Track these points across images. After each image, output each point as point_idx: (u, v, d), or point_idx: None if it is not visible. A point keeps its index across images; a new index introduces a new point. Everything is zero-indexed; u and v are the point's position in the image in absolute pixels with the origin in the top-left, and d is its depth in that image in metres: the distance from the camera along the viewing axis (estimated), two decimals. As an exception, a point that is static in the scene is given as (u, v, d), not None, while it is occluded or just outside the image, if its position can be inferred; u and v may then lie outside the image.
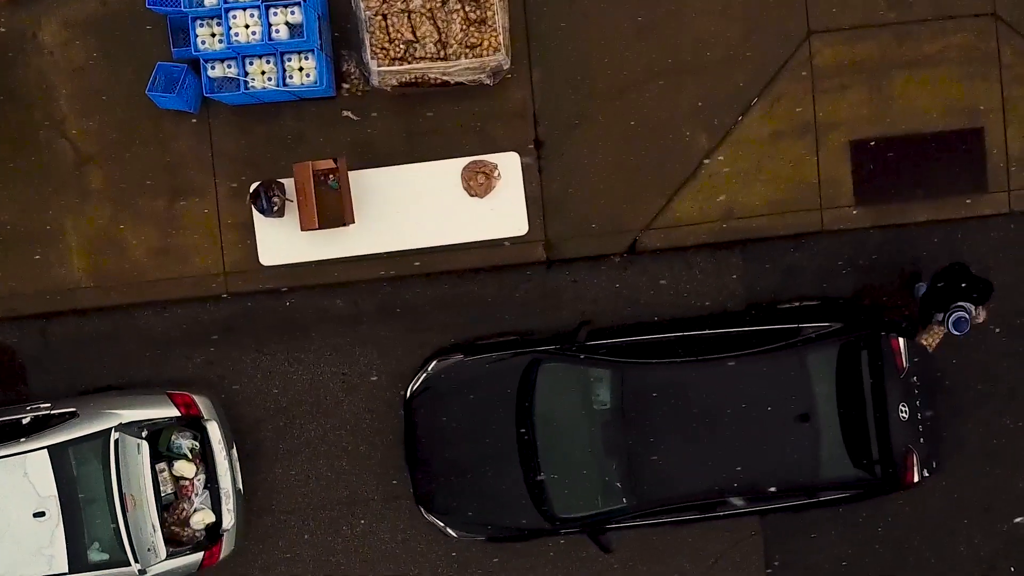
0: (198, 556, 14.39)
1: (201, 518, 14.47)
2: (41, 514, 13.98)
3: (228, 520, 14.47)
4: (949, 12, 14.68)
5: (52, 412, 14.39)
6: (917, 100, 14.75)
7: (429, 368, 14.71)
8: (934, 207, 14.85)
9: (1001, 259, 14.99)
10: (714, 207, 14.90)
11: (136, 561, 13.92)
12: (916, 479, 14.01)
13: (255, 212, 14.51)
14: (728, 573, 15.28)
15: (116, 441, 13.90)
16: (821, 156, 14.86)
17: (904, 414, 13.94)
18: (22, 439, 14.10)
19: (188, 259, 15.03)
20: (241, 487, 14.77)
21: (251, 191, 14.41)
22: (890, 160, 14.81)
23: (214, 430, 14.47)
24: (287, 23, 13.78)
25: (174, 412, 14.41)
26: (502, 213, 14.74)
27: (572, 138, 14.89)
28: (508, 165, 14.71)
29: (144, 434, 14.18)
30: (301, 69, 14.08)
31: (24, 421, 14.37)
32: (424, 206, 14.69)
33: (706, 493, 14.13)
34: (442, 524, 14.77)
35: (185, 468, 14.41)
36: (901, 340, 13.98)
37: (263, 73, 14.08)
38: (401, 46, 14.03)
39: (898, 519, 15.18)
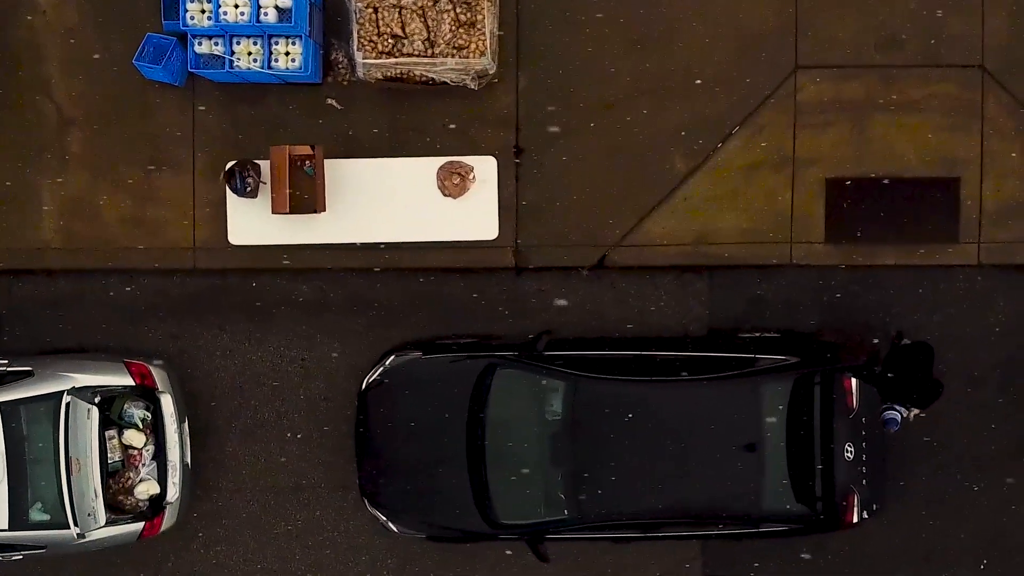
0: (138, 526, 14.45)
1: (146, 488, 14.53)
2: None
3: (172, 493, 14.53)
4: (937, 60, 14.75)
5: (8, 369, 14.46)
6: (897, 144, 14.82)
7: (386, 363, 14.78)
8: (903, 252, 14.91)
9: (965, 310, 15.06)
10: (686, 230, 14.98)
11: (75, 524, 13.99)
12: (855, 520, 14.07)
13: (228, 191, 14.58)
14: (664, 595, 15.38)
15: (67, 404, 13.97)
16: (796, 190, 14.93)
17: (849, 454, 14.02)
18: (-25, 394, 14.19)
19: (160, 231, 15.11)
20: (189, 462, 14.84)
21: (226, 169, 14.51)
22: (864, 201, 14.88)
23: (167, 402, 14.54)
24: (276, 7, 13.87)
25: (129, 381, 14.47)
26: (474, 216, 14.82)
27: (552, 148, 14.97)
28: (485, 169, 14.79)
29: (97, 400, 14.24)
30: (287, 54, 14.16)
31: (-21, 376, 14.48)
32: (397, 201, 14.77)
33: (648, 513, 14.19)
34: (384, 518, 14.84)
35: (134, 438, 14.48)
36: (854, 380, 14.05)
37: (249, 54, 14.16)
38: (389, 40, 14.11)
39: (838, 558, 15.23)
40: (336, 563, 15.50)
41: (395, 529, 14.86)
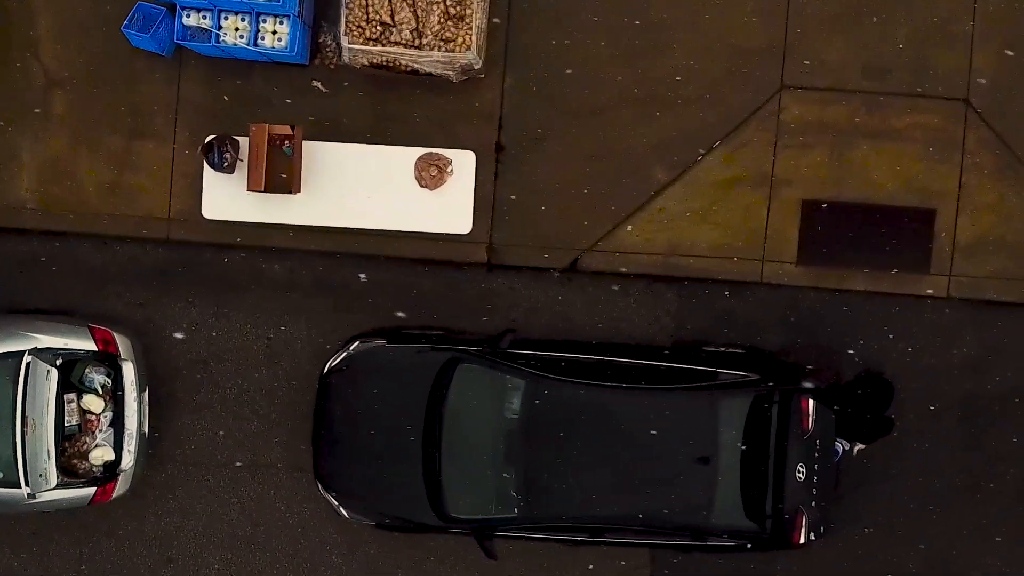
0: (90, 491, 14.48)
1: (100, 454, 14.57)
2: None
3: (127, 461, 14.56)
4: (922, 91, 14.79)
5: (-30, 326, 14.52)
6: (876, 171, 14.87)
7: (350, 348, 14.82)
8: (874, 279, 14.96)
9: (931, 341, 15.10)
10: (659, 240, 15.02)
11: (26, 484, 14.02)
12: (802, 540, 14.12)
13: (206, 164, 14.62)
14: (610, 601, 15.42)
15: (27, 364, 14.00)
16: (772, 209, 14.97)
17: (801, 475, 14.06)
18: (-65, 350, 14.22)
19: (136, 199, 15.15)
20: (146, 431, 14.88)
21: (205, 142, 14.55)
22: (839, 225, 14.92)
23: (128, 370, 14.57)
24: (267, -15, 13.93)
25: (92, 346, 14.50)
26: (449, 209, 14.86)
27: (534, 149, 15.01)
28: (463, 163, 14.83)
29: (58, 362, 14.28)
30: (274, 32, 14.20)
31: (-59, 332, 14.49)
32: (373, 188, 14.81)
33: (598, 517, 14.24)
34: (336, 503, 14.87)
35: (93, 403, 14.51)
36: (811, 402, 14.10)
37: (236, 30, 14.20)
38: (377, 28, 14.15)
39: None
40: (285, 543, 15.53)
41: (346, 514, 14.89)
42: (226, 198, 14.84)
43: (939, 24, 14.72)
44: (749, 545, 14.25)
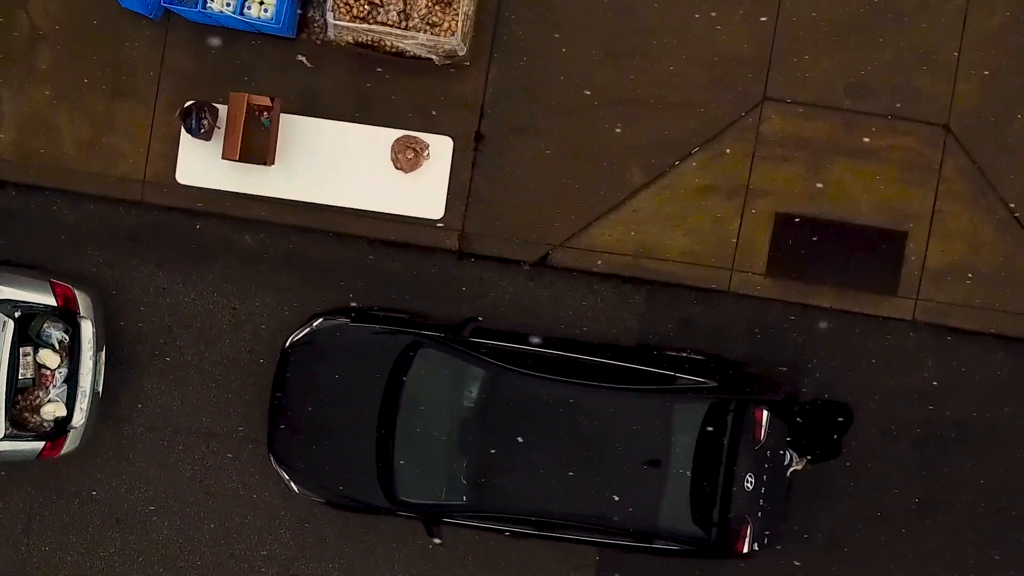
0: (38, 445, 14.50)
1: (52, 410, 14.58)
2: None
3: (78, 418, 14.58)
4: (904, 114, 14.82)
5: (-68, 274, 14.53)
6: (851, 190, 14.90)
7: (314, 324, 14.85)
8: (841, 296, 14.99)
9: (892, 364, 15.13)
10: (630, 242, 15.05)
11: (-26, 431, 14.08)
12: (745, 549, 14.15)
13: (183, 130, 14.64)
14: (553, 596, 15.46)
15: None
16: (745, 220, 15.00)
17: (749, 485, 14.10)
18: None
19: (113, 159, 15.17)
20: (100, 390, 14.89)
21: (183, 107, 14.57)
22: (810, 240, 14.96)
23: (87, 328, 14.58)
24: (257, -45, 13.96)
25: (52, 301, 14.52)
26: (422, 193, 14.89)
27: (513, 141, 15.04)
28: (440, 148, 14.85)
29: (17, 315, 14.29)
30: (261, 3, 14.22)
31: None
32: (348, 167, 14.83)
33: (546, 511, 14.26)
34: (288, 477, 14.90)
35: (49, 358, 14.53)
36: (766, 413, 14.14)
37: (224, -3, 14.25)
38: (365, 7, 14.17)
39: (730, 587, 15.35)
40: (235, 514, 15.55)
41: (296, 489, 14.91)
42: (201, 165, 14.86)
43: (926, 49, 14.76)
44: (693, 551, 14.29)
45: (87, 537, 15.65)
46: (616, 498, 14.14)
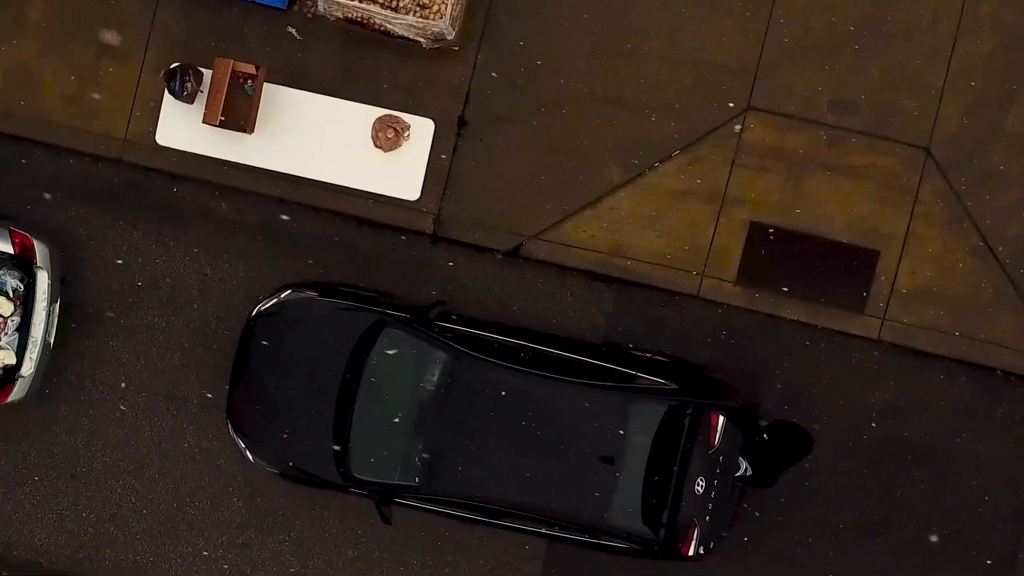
0: None
1: (2, 357, 14.59)
2: None
3: (27, 368, 14.59)
4: (885, 133, 14.87)
5: None
6: (827, 204, 14.95)
7: (281, 296, 14.89)
8: (809, 310, 15.04)
9: (854, 381, 15.17)
10: (604, 239, 15.10)
11: (-79, 373, 14.11)
12: (691, 552, 14.20)
13: (166, 91, 14.68)
14: (499, 586, 15.50)
15: None
16: (719, 226, 15.05)
17: (700, 488, 14.14)
18: None
19: (96, 116, 15.22)
20: (52, 341, 14.86)
21: (168, 68, 14.61)
22: (783, 251, 15.01)
23: (42, 279, 14.58)
24: (252, -77, 14.00)
25: (9, 249, 14.54)
26: (400, 173, 14.94)
27: (495, 129, 15.08)
28: (421, 130, 14.90)
29: None
30: (254, -29, 14.29)
31: None
32: (328, 141, 14.89)
33: (496, 499, 14.30)
34: (244, 445, 14.94)
35: (2, 305, 14.53)
36: (722, 419, 14.18)
37: (217, -37, 14.30)
38: (357, -16, 14.23)
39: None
40: (189, 479, 15.59)
41: (251, 458, 14.95)
42: (181, 127, 14.90)
43: (912, 72, 14.81)
44: (640, 550, 14.33)
45: (40, 490, 15.68)
46: (568, 492, 14.18)
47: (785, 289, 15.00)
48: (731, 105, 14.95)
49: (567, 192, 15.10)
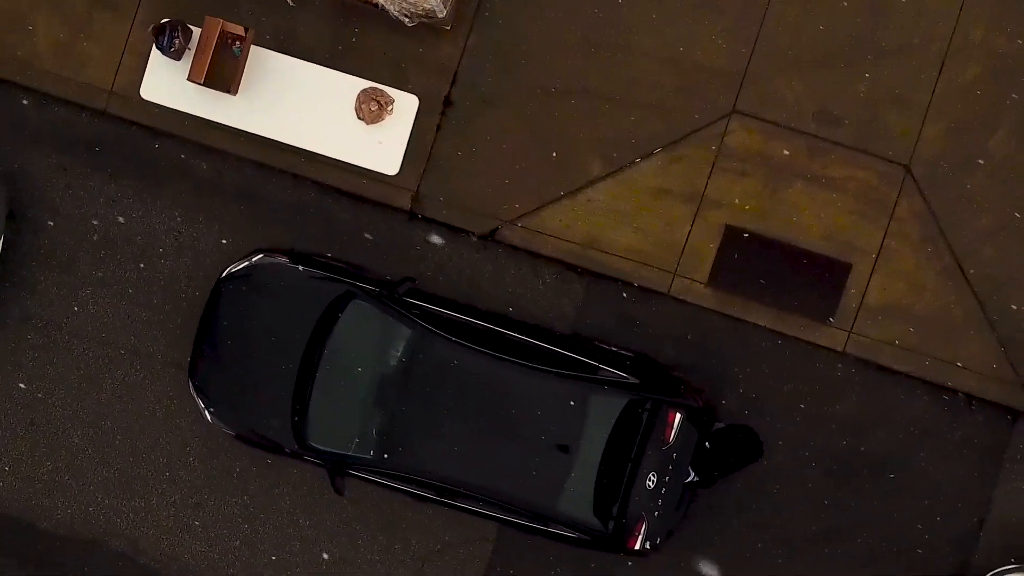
0: None
1: None
2: None
3: None
4: (867, 147, 14.92)
5: None
6: (803, 214, 14.99)
7: (253, 259, 14.92)
8: (777, 317, 15.08)
9: (816, 391, 15.21)
10: (580, 230, 15.14)
11: None
12: (637, 546, 14.25)
13: (154, 46, 14.72)
14: (448, 565, 15.49)
15: None
16: (695, 227, 15.09)
17: (651, 483, 14.19)
18: None
19: (85, 66, 15.26)
20: None
21: (158, 23, 14.65)
22: (756, 257, 15.05)
23: None
24: None
25: None
26: (380, 147, 14.97)
27: (480, 112, 15.12)
28: (405, 105, 14.94)
29: None
30: (251, -66, 14.33)
31: None
32: (310, 109, 14.92)
33: (450, 479, 14.35)
34: (203, 405, 14.98)
35: None
36: (678, 416, 14.23)
37: (214, -78, 14.34)
38: (353, -45, 14.27)
39: (622, 587, 15.44)
40: (146, 434, 15.62)
41: (209, 419, 14.99)
42: (166, 83, 14.94)
43: (899, 89, 14.85)
44: (588, 540, 14.37)
45: (-4, 435, 15.79)
46: (522, 477, 14.22)
47: (755, 294, 15.06)
48: (716, 107, 15.00)
49: (547, 180, 15.14)
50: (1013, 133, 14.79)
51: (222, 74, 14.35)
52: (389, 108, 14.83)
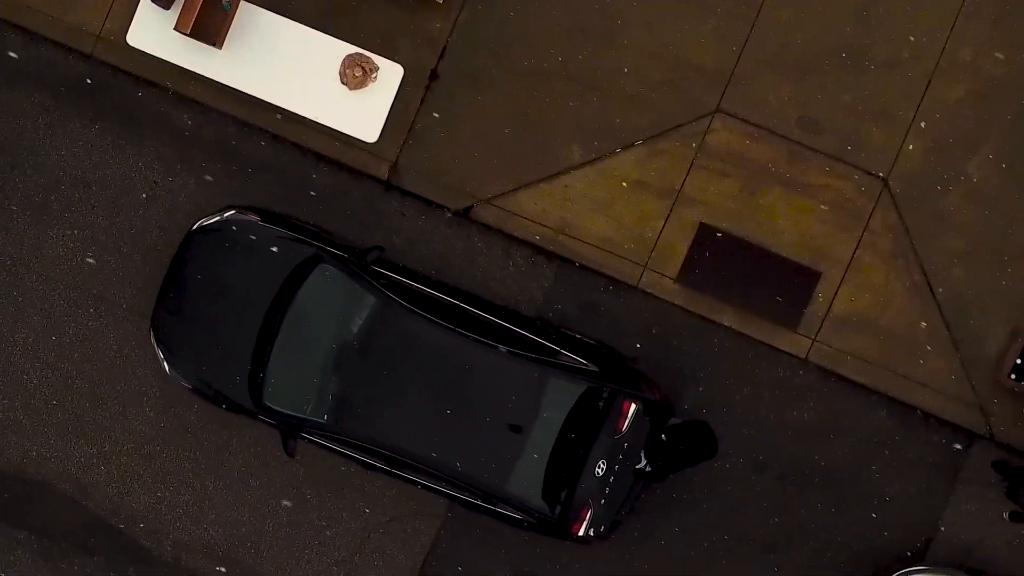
0: None
1: None
2: None
3: None
4: (847, 158, 14.94)
5: None
6: (778, 219, 15.00)
7: (225, 215, 14.91)
8: (743, 319, 15.09)
9: (775, 396, 15.21)
10: (554, 215, 15.14)
11: None
12: (581, 532, 14.25)
13: (145, -8, 14.78)
14: (394, 537, 15.49)
15: None
16: (669, 222, 15.09)
17: (600, 471, 14.19)
18: None
19: (74, 7, 15.25)
20: None
21: (149, -30, 14.69)
22: (727, 257, 15.06)
23: None
24: None
25: None
26: (361, 113, 14.97)
27: (465, 88, 15.12)
28: (389, 74, 14.93)
29: None
30: None
31: None
32: (295, 70, 14.91)
33: (401, 450, 14.34)
34: (163, 356, 14.97)
35: None
36: (633, 406, 14.23)
37: None
38: (350, -80, 14.27)
39: (566, 571, 15.39)
40: (104, 382, 15.60)
41: (168, 370, 14.98)
42: (154, 31, 14.93)
43: (884, 103, 14.86)
44: (534, 523, 14.37)
45: (-46, 369, 15.77)
46: (473, 454, 14.22)
47: (723, 294, 15.07)
48: (701, 105, 15.01)
49: (525, 163, 15.15)
50: (993, 156, 14.81)
51: (209, 27, 14.35)
52: (373, 75, 14.82)
